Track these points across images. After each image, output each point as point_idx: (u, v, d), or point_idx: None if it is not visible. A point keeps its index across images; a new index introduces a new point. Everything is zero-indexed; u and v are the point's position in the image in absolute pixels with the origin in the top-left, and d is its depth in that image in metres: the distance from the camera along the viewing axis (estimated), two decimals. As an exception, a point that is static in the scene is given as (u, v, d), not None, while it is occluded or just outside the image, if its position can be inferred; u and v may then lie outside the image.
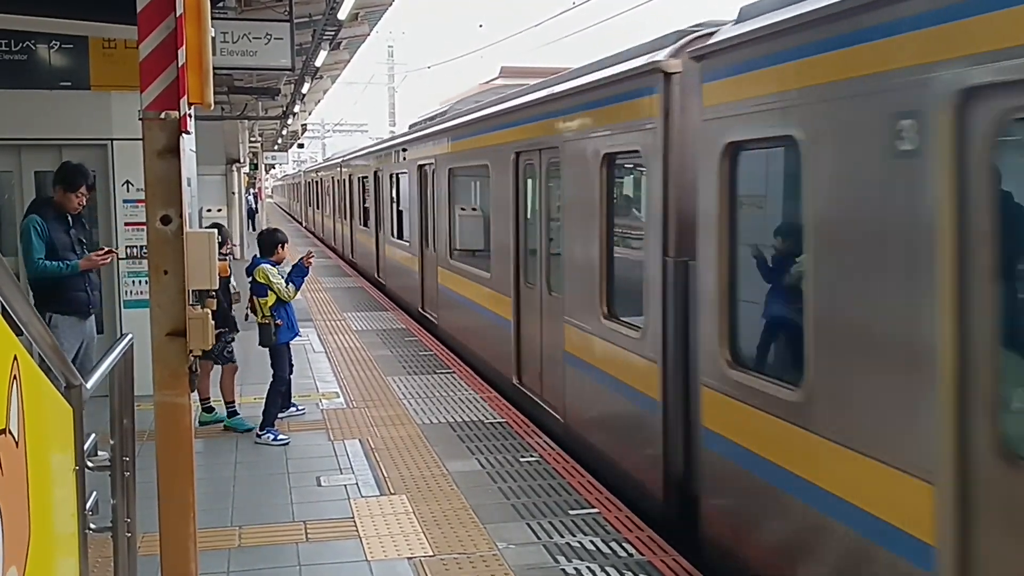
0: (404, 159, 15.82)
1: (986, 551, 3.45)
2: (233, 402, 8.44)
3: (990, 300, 3.41)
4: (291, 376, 8.47)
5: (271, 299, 8.03)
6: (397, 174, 16.65)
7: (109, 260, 7.52)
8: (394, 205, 17.26)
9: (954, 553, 3.53)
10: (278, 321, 8.05)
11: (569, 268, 7.75)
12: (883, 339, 3.92)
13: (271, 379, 8.16)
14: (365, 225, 21.20)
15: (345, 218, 25.80)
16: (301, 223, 48.34)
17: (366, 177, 20.88)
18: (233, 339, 8.54)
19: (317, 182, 37.05)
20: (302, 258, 8.25)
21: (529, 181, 9.02)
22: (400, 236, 16.61)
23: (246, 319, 8.38)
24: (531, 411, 8.76)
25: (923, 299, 3.64)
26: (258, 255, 8.32)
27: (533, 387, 8.89)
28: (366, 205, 21.14)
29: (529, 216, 9.11)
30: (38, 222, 7.08)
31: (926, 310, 3.62)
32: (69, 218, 7.29)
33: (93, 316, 7.52)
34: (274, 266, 8.13)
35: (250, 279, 8.18)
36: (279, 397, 8.21)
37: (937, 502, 3.58)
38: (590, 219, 7.15)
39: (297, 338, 8.48)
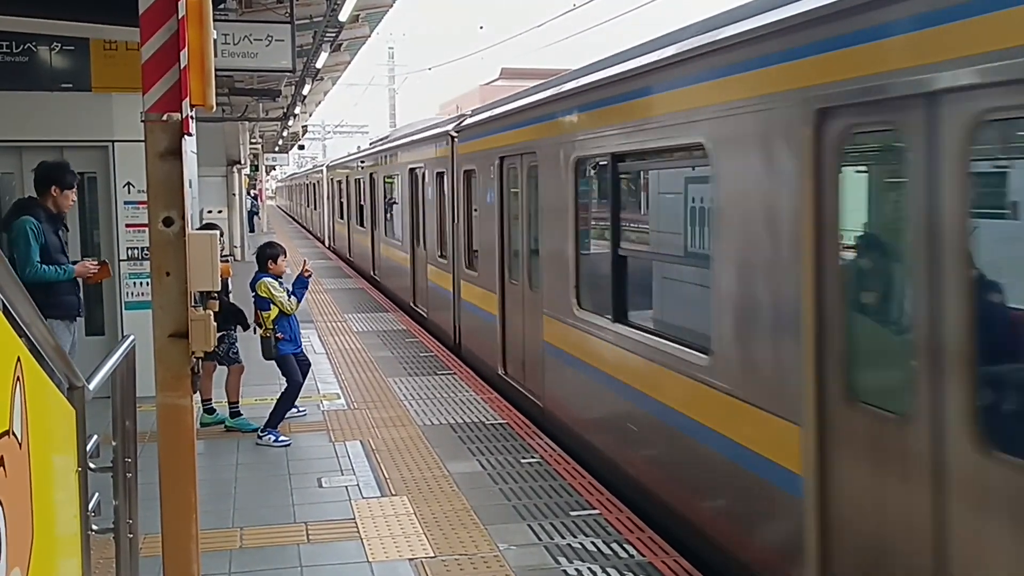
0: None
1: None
2: (237, 403, 8.45)
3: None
4: (305, 379, 8.47)
5: (274, 312, 8.04)
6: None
7: (103, 277, 7.38)
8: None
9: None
10: (279, 335, 8.05)
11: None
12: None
13: (285, 385, 8.17)
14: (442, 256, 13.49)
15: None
16: (323, 242, 34.42)
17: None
18: (236, 339, 8.55)
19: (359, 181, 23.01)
20: (301, 271, 8.28)
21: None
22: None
23: (253, 332, 8.39)
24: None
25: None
26: (258, 270, 8.35)
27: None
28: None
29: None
30: (34, 224, 6.90)
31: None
32: (59, 219, 7.16)
33: (80, 320, 7.50)
34: (275, 279, 8.14)
35: (253, 294, 8.20)
36: (290, 403, 8.21)
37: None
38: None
39: (299, 349, 8.48)
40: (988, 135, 3.63)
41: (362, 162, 22.31)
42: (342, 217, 26.78)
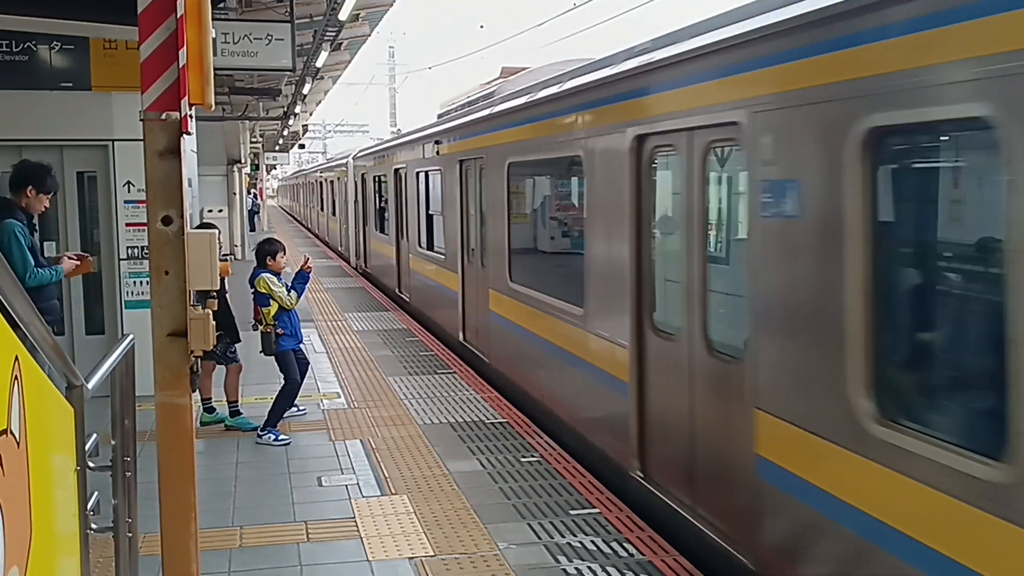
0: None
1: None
2: (236, 402, 8.45)
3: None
4: (304, 377, 8.48)
5: (274, 308, 8.05)
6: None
7: (84, 270, 7.10)
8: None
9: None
10: (279, 330, 8.06)
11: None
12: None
13: (283, 383, 8.17)
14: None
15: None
16: (347, 259, 26.15)
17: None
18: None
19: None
20: (302, 265, 8.28)
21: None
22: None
23: (254, 328, 8.40)
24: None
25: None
26: (257, 266, 8.35)
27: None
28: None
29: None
30: (20, 228, 6.50)
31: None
32: (34, 220, 6.86)
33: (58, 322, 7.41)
34: (274, 275, 8.15)
35: (252, 290, 8.20)
36: (288, 401, 8.22)
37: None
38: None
39: (300, 344, 8.49)
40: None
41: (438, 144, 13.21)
42: (383, 230, 18.00)
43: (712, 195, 5.70)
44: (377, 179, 19.40)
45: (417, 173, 14.84)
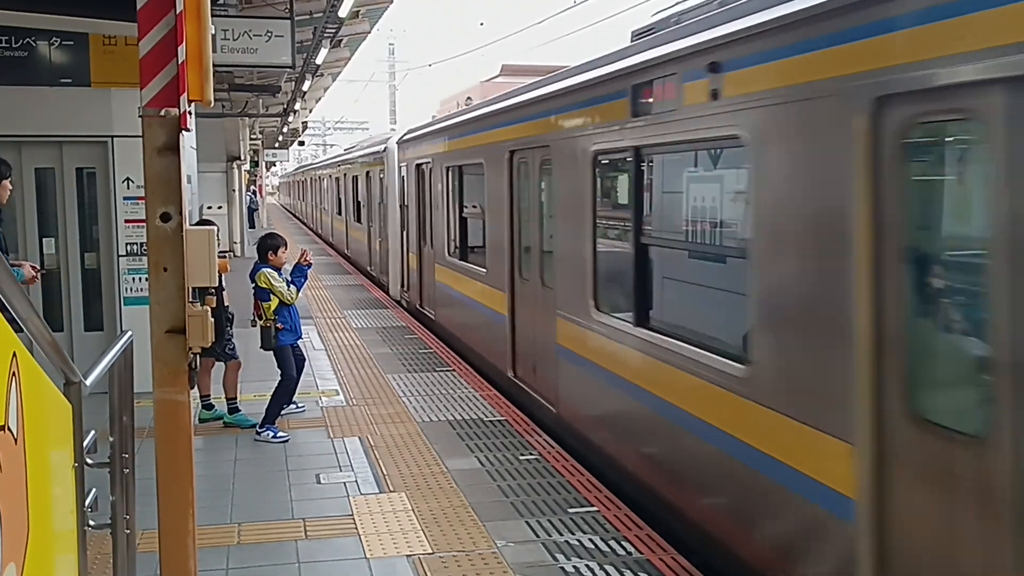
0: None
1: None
2: (235, 399, 8.45)
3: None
4: (301, 373, 8.48)
5: (274, 303, 8.05)
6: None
7: (30, 284, 6.77)
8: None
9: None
10: (279, 325, 8.06)
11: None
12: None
13: (279, 378, 8.17)
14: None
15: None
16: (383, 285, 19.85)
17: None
18: (233, 334, 8.55)
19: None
20: (300, 258, 8.26)
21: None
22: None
23: (253, 324, 8.39)
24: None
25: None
26: (258, 261, 8.34)
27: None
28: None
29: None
30: None
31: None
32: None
33: None
34: (275, 270, 8.14)
35: (252, 285, 8.19)
36: (284, 397, 8.22)
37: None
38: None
39: (299, 340, 8.49)
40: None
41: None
42: (459, 253, 12.27)
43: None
44: (456, 171, 12.32)
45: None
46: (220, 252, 5.62)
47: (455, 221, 12.48)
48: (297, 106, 25.81)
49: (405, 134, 16.64)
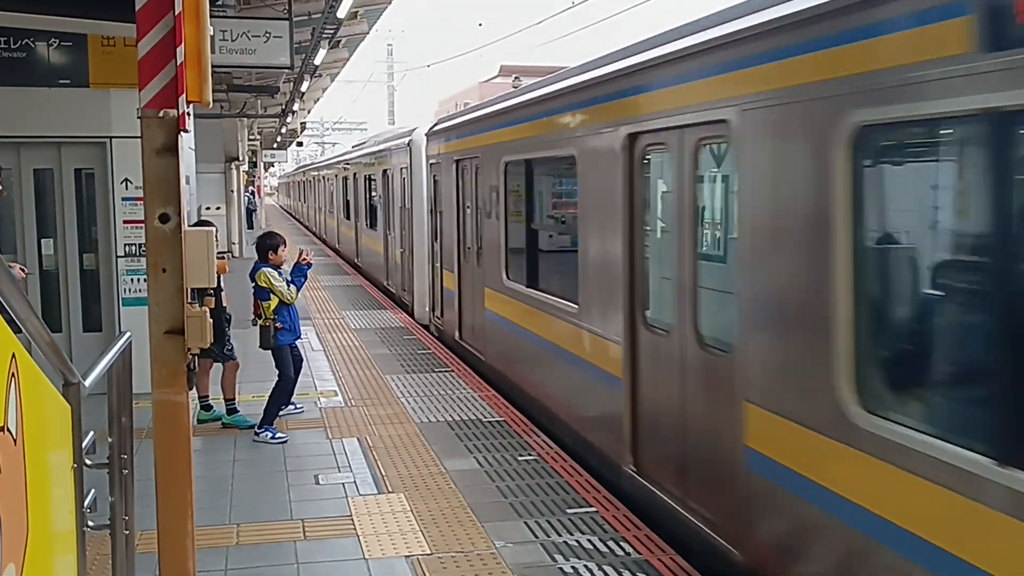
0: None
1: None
2: (233, 399, 8.45)
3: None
4: (299, 374, 8.48)
5: (273, 302, 8.05)
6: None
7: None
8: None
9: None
10: (278, 324, 8.06)
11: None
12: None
13: (276, 379, 8.17)
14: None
15: None
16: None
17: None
18: (230, 335, 8.55)
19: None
20: (299, 258, 8.27)
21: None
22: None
23: (253, 324, 8.40)
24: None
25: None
26: (258, 260, 8.34)
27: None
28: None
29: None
30: None
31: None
32: None
33: None
34: (275, 269, 8.14)
35: (252, 284, 8.19)
36: (282, 397, 8.22)
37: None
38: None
39: (298, 340, 8.49)
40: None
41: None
42: (525, 276, 9.44)
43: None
44: (521, 168, 9.52)
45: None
46: (219, 253, 5.62)
47: (518, 233, 9.60)
48: (295, 107, 25.79)
49: (437, 123, 13.56)
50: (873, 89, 3.95)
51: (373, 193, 19.91)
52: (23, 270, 6.88)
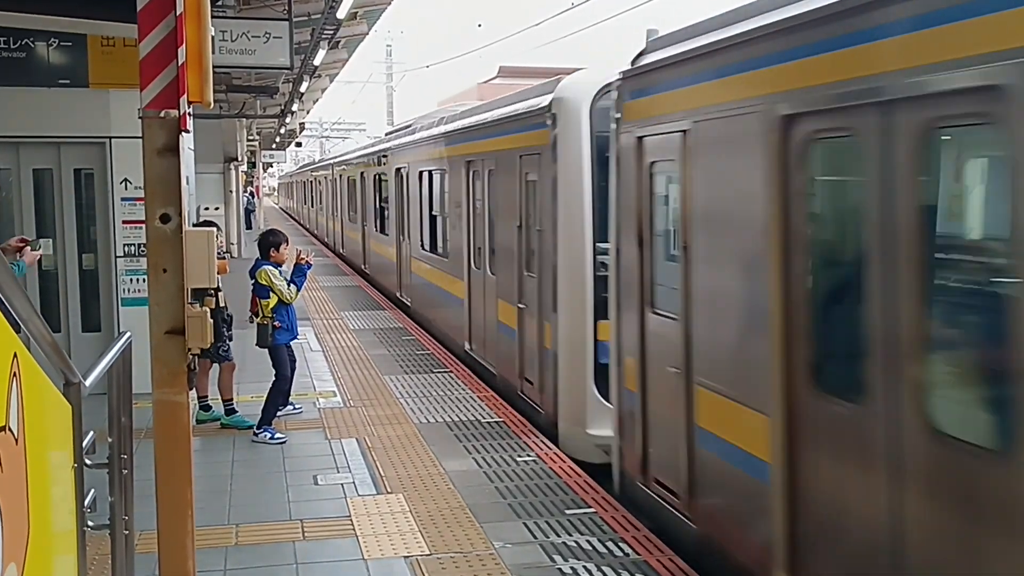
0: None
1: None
2: (231, 400, 8.45)
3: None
4: (294, 374, 8.49)
5: (272, 300, 8.05)
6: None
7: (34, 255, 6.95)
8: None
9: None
10: (276, 323, 8.06)
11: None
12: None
13: (273, 378, 8.17)
14: None
15: None
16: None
17: None
18: (231, 336, 8.55)
19: None
20: (298, 258, 8.26)
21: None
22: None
23: (250, 321, 8.40)
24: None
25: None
26: (259, 257, 8.34)
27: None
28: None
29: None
30: None
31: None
32: None
33: None
34: (276, 268, 8.15)
35: (252, 281, 8.19)
36: (280, 397, 8.22)
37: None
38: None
39: (295, 339, 8.49)
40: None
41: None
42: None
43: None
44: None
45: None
46: (218, 253, 5.62)
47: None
48: (295, 107, 25.78)
49: (643, 62, 6.35)
50: None
51: (437, 200, 12.98)
52: (23, 241, 6.85)
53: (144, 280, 5.73)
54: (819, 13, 4.27)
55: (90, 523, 3.36)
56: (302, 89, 21.60)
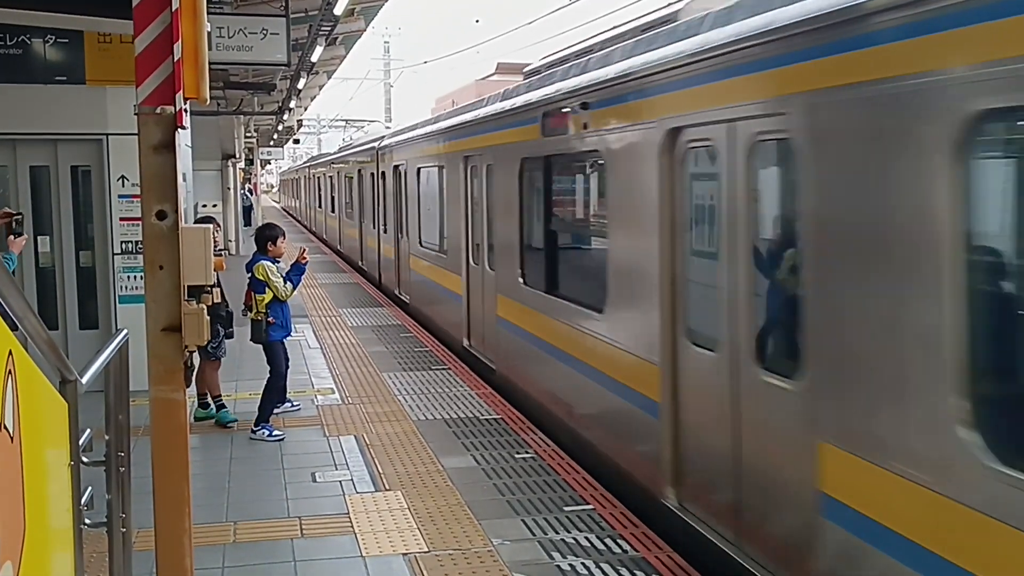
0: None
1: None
2: (220, 396, 8.44)
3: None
4: (287, 371, 8.47)
5: (268, 296, 8.02)
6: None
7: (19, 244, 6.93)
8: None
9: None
10: (270, 319, 8.04)
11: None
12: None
13: (268, 375, 8.16)
14: None
15: None
16: None
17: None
18: (228, 333, 8.54)
19: None
20: (298, 257, 8.25)
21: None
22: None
23: (243, 314, 8.38)
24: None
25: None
26: (256, 251, 8.31)
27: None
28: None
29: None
30: None
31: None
32: None
33: None
34: (274, 263, 8.12)
35: (249, 275, 8.17)
36: (275, 393, 8.20)
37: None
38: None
39: (291, 335, 8.47)
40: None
41: None
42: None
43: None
44: None
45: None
46: (216, 250, 5.61)
47: None
48: (292, 104, 25.79)
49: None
50: None
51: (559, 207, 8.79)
52: (8, 213, 6.80)
53: (141, 277, 5.70)
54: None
55: (87, 521, 3.35)
56: (299, 86, 21.59)
